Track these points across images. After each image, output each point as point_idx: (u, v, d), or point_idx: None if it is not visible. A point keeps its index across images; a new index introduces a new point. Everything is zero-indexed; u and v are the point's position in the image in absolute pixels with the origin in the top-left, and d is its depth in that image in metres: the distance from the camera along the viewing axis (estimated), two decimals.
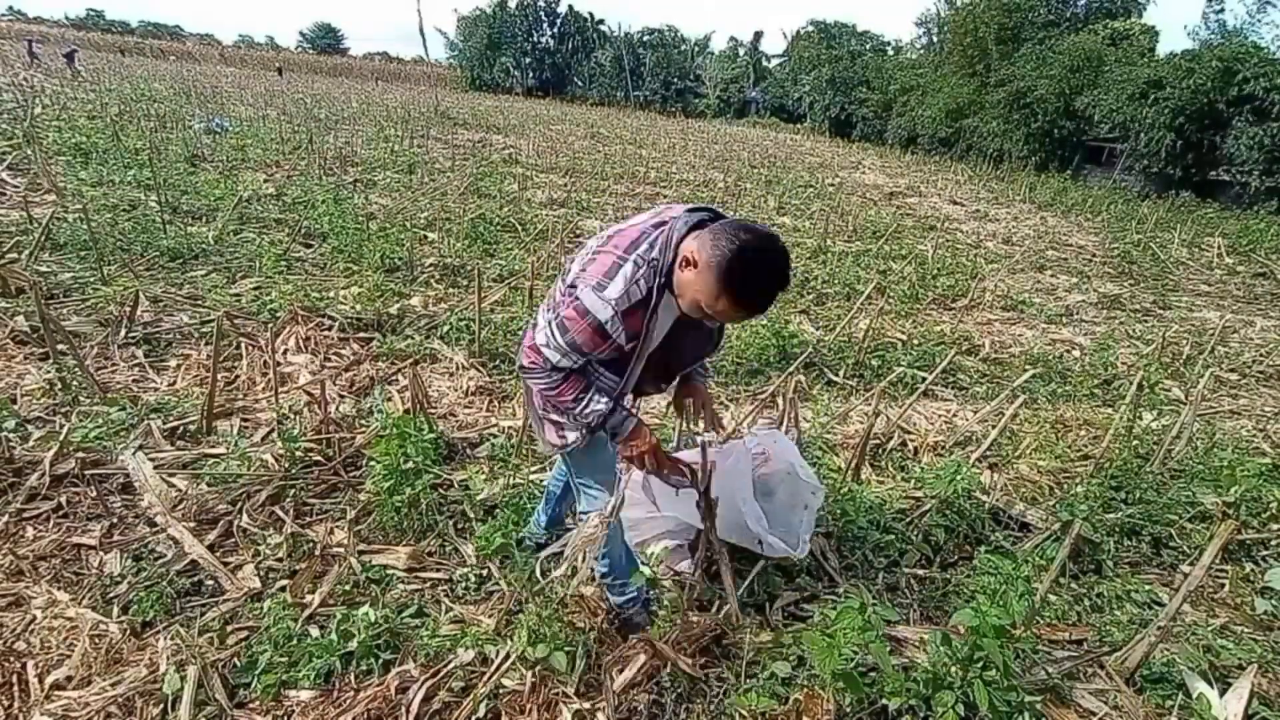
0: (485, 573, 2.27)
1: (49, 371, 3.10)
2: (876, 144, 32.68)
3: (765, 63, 49.74)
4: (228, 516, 2.41)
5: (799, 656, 1.91)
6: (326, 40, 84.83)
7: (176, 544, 2.24)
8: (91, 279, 4.23)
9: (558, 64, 51.92)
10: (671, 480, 1.90)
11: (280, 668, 1.80)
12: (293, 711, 1.74)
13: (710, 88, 48.63)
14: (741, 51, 50.85)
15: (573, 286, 1.50)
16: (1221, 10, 22.84)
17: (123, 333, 3.66)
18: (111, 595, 2.01)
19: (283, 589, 2.08)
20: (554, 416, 1.73)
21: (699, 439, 2.07)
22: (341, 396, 3.34)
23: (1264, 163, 15.90)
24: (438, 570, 2.28)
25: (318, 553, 2.22)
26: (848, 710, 1.78)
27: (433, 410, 3.11)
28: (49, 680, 1.74)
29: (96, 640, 1.86)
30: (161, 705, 1.70)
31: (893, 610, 1.62)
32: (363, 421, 3.07)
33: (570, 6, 51.96)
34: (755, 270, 1.35)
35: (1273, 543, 2.74)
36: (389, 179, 9.15)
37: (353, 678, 1.83)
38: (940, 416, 3.84)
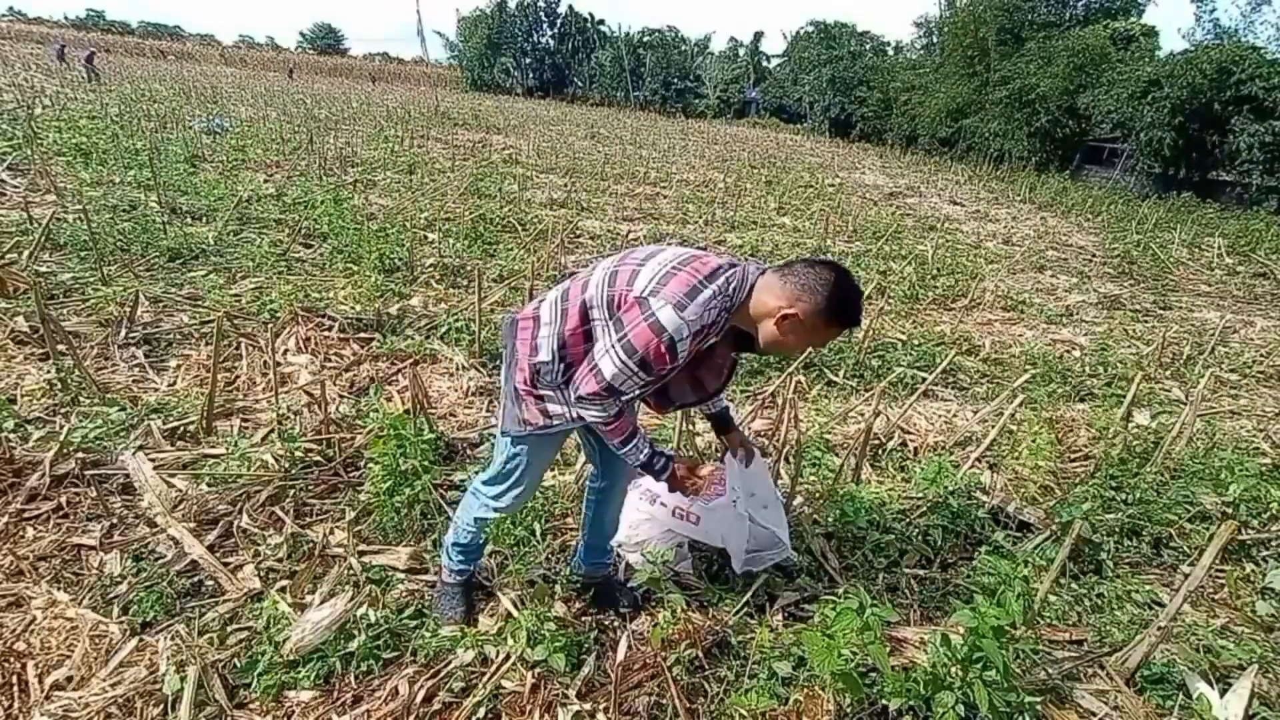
0: (485, 573, 2.26)
1: (49, 371, 3.10)
2: (876, 144, 32.69)
3: (765, 63, 49.72)
4: (228, 517, 2.41)
5: (799, 656, 1.92)
6: (326, 41, 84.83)
7: (176, 544, 2.24)
8: (91, 279, 4.23)
9: (558, 64, 51.90)
10: (713, 492, 1.94)
11: (280, 668, 1.80)
12: (293, 712, 1.74)
13: (710, 88, 48.60)
14: (741, 52, 50.82)
15: (643, 300, 1.47)
16: (1214, 11, 22.85)
17: (123, 333, 3.66)
18: (111, 595, 2.01)
19: (283, 589, 2.08)
20: (542, 392, 1.68)
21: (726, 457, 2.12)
22: (341, 396, 3.34)
23: (1264, 162, 15.90)
24: (438, 571, 2.28)
25: (318, 553, 2.21)
26: (848, 710, 1.78)
27: (433, 410, 3.11)
28: (49, 680, 1.74)
29: (96, 640, 1.86)
30: (161, 705, 1.70)
31: (892, 610, 1.62)
32: (362, 421, 3.07)
33: (570, 6, 52.02)
34: (851, 297, 1.51)
35: (1273, 543, 2.74)
36: (389, 179, 9.15)
37: (353, 678, 1.83)
38: (940, 416, 3.84)
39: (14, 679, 1.74)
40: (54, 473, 2.44)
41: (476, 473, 2.49)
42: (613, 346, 1.50)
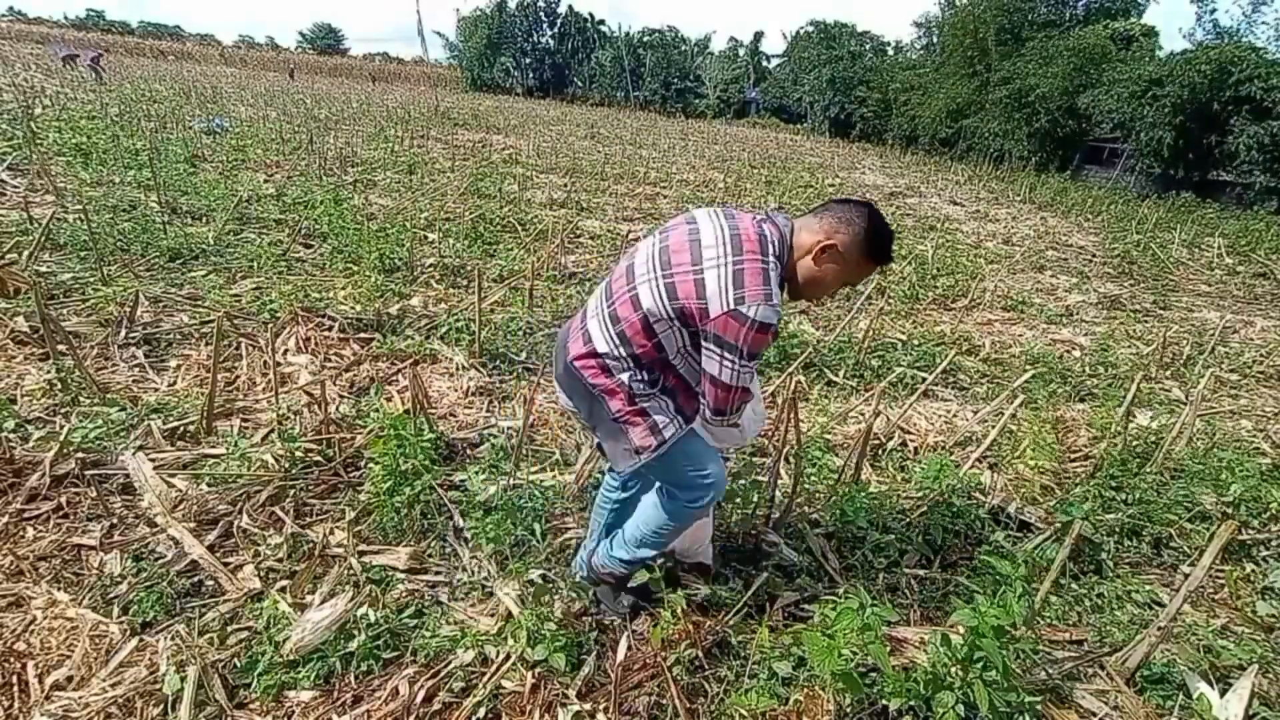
0: (485, 573, 2.26)
1: (49, 371, 3.10)
2: (876, 144, 32.69)
3: (765, 63, 49.70)
4: (228, 517, 2.40)
5: (799, 657, 1.92)
6: (326, 40, 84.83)
7: (176, 544, 2.24)
8: (91, 279, 4.23)
9: (558, 64, 51.87)
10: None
11: (280, 668, 1.80)
12: (293, 712, 1.74)
13: (710, 88, 48.58)
14: (741, 52, 50.79)
15: (734, 312, 1.44)
16: (1214, 11, 22.83)
17: (123, 333, 3.66)
18: (111, 595, 2.01)
19: (283, 589, 2.08)
20: (648, 418, 1.63)
21: None
22: (341, 396, 3.34)
23: (1264, 162, 15.90)
24: (438, 571, 2.28)
25: (318, 553, 2.21)
26: (848, 710, 1.78)
27: (433, 410, 3.11)
28: (49, 680, 1.74)
29: (96, 640, 1.86)
30: (161, 705, 1.70)
31: (892, 610, 1.62)
32: (362, 421, 3.07)
33: (570, 7, 52.08)
34: (886, 231, 1.56)
35: (1273, 543, 2.74)
36: (389, 179, 9.15)
37: (352, 678, 1.83)
38: (940, 416, 3.84)
39: (14, 679, 1.74)
40: (54, 473, 2.44)
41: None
42: (727, 361, 1.50)
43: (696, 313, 1.49)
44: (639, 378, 1.62)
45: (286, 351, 3.75)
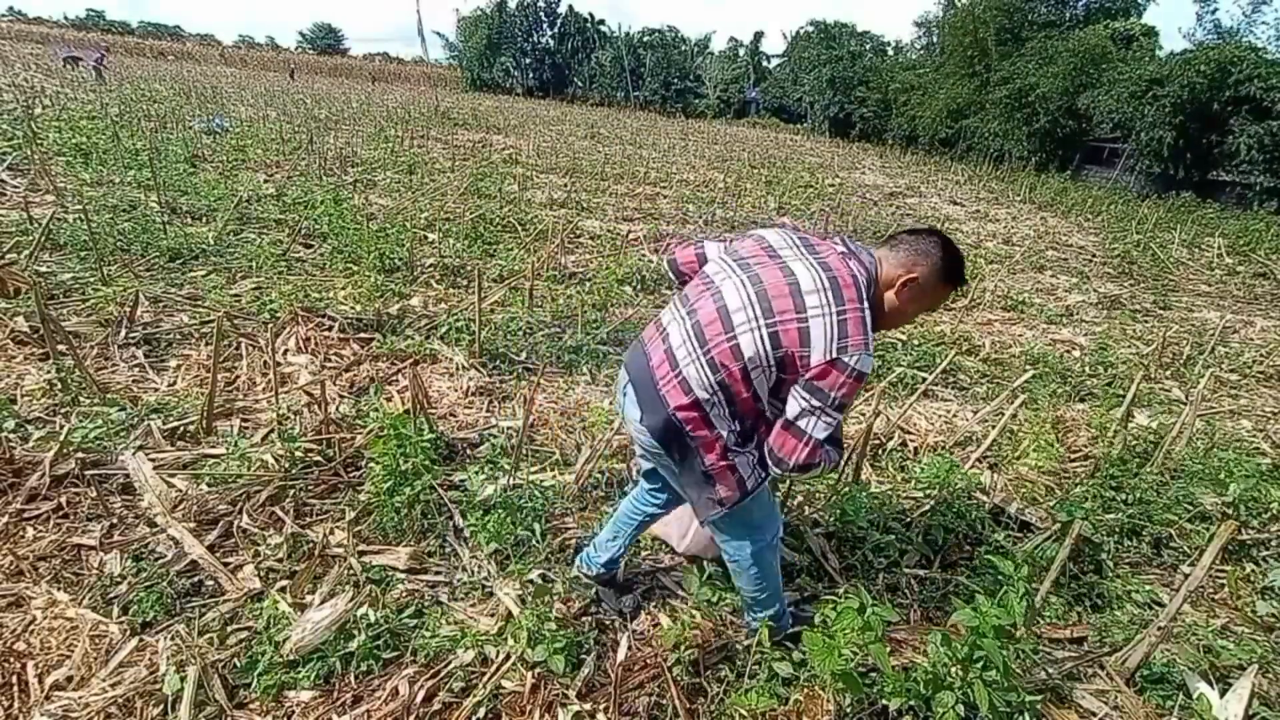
0: (485, 573, 2.26)
1: (49, 371, 3.10)
2: (876, 144, 32.69)
3: (765, 63, 49.71)
4: (228, 517, 2.41)
5: (799, 657, 1.92)
6: (326, 41, 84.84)
7: (176, 544, 2.24)
8: (91, 279, 4.23)
9: (558, 64, 51.87)
10: None
11: (280, 668, 1.80)
12: (293, 712, 1.74)
13: (710, 88, 48.59)
14: (741, 52, 50.79)
15: (837, 362, 1.42)
16: (1214, 11, 22.79)
17: (123, 333, 3.66)
18: (111, 595, 2.01)
19: (283, 589, 2.08)
20: (736, 472, 1.61)
21: None
22: (341, 396, 3.34)
23: (1264, 162, 15.90)
24: (438, 571, 2.28)
25: (318, 553, 2.21)
26: (848, 710, 1.78)
27: (433, 410, 3.11)
28: (49, 680, 1.74)
29: (96, 640, 1.87)
30: (161, 705, 1.70)
31: (892, 610, 1.62)
32: (362, 421, 3.07)
33: (570, 7, 51.99)
34: (959, 256, 1.58)
35: (1273, 543, 2.74)
36: (389, 179, 9.15)
37: (353, 678, 1.83)
38: (940, 416, 3.84)
39: (14, 679, 1.74)
40: (54, 473, 2.44)
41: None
42: (821, 410, 1.45)
43: (798, 361, 1.46)
44: (735, 429, 1.59)
45: (286, 351, 3.75)
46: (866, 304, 1.48)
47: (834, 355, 1.42)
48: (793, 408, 1.49)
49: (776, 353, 1.48)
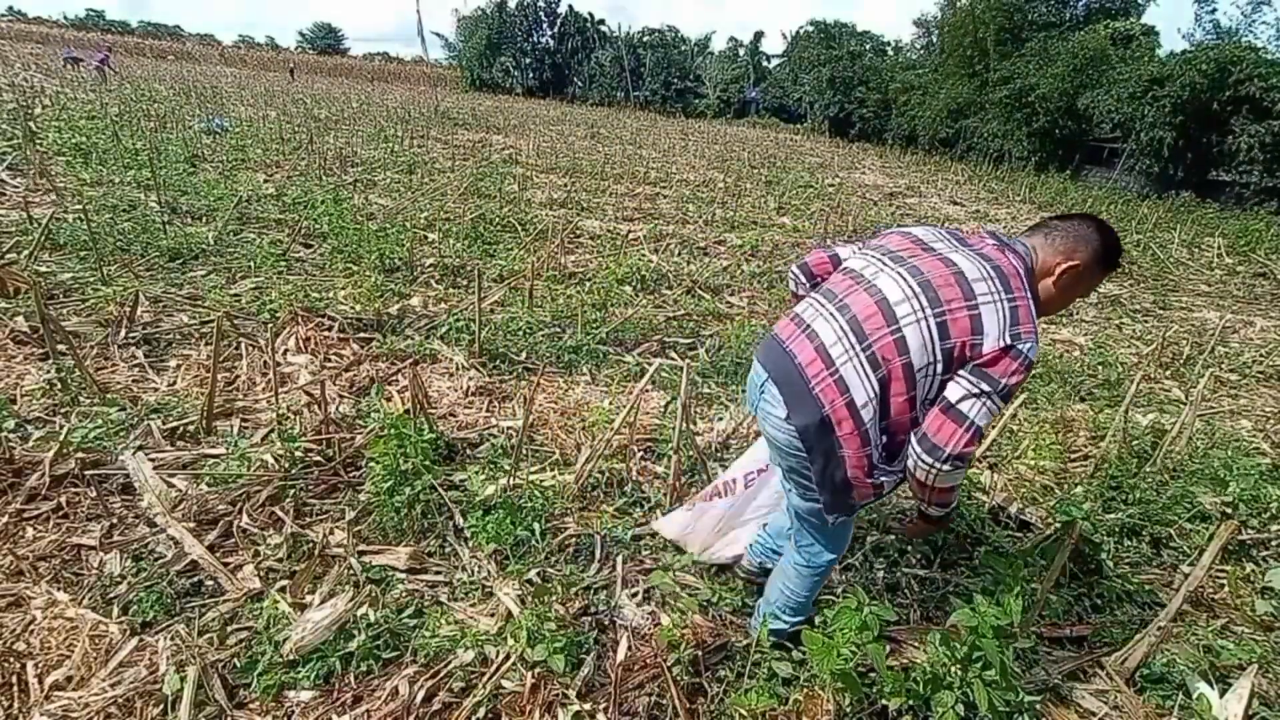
0: (485, 573, 2.26)
1: (49, 371, 3.10)
2: (876, 144, 32.68)
3: (765, 63, 49.69)
4: (227, 517, 2.41)
5: (799, 657, 1.92)
6: (326, 41, 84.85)
7: (176, 544, 2.24)
8: (91, 279, 4.23)
9: (558, 64, 51.85)
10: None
11: (280, 668, 1.80)
12: (293, 712, 1.74)
13: (710, 88, 48.57)
14: (741, 52, 50.75)
15: (1010, 349, 1.38)
16: (1214, 11, 22.78)
17: (123, 333, 3.66)
18: (111, 595, 2.01)
19: (283, 589, 2.08)
20: (880, 489, 1.59)
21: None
22: (341, 396, 3.34)
23: (1264, 162, 15.90)
24: (438, 571, 2.28)
25: (318, 553, 2.22)
26: (847, 710, 1.78)
27: (433, 410, 3.11)
28: (49, 680, 1.74)
29: (96, 640, 1.87)
30: (161, 705, 1.70)
31: (890, 610, 1.62)
32: (362, 421, 3.07)
33: (570, 7, 51.94)
34: (1117, 239, 1.55)
35: (1273, 543, 2.74)
36: (389, 179, 9.15)
37: (352, 678, 1.84)
38: None
39: (14, 679, 1.74)
40: (54, 473, 2.44)
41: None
42: (989, 395, 1.39)
43: (968, 350, 1.41)
44: (882, 444, 1.54)
45: (286, 351, 3.75)
46: (1030, 293, 1.46)
47: (1008, 342, 1.38)
48: (955, 391, 1.41)
49: (945, 344, 1.42)
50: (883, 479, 1.57)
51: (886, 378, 1.46)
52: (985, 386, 1.39)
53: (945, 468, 1.42)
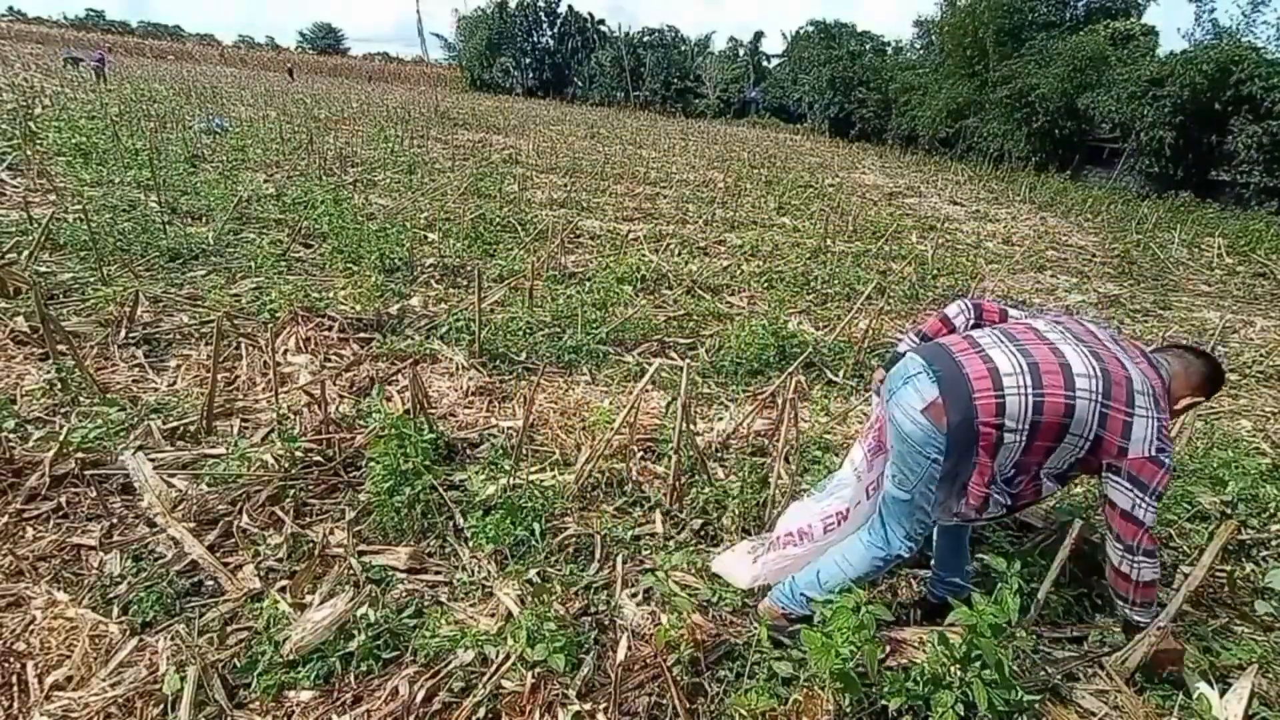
0: (485, 573, 2.26)
1: (49, 371, 3.10)
2: (876, 144, 32.68)
3: (765, 63, 49.70)
4: (227, 517, 2.41)
5: (799, 657, 1.92)
6: (326, 41, 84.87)
7: (176, 544, 2.24)
8: (91, 279, 4.23)
9: (558, 64, 51.87)
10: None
11: (280, 668, 1.80)
12: (293, 712, 1.74)
13: (710, 88, 48.57)
14: (741, 52, 50.79)
15: (1154, 459, 1.65)
16: (1213, 11, 22.76)
17: (123, 333, 3.66)
18: (111, 595, 2.01)
19: (283, 589, 2.08)
20: (985, 503, 1.77)
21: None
22: (341, 396, 3.34)
23: (1264, 162, 15.89)
24: (438, 571, 2.28)
25: (318, 553, 2.22)
26: (847, 710, 1.78)
27: (433, 410, 3.11)
28: (49, 680, 1.74)
29: (96, 640, 1.87)
30: (161, 705, 1.70)
31: (888, 609, 1.62)
32: (363, 421, 3.07)
33: (570, 7, 51.97)
34: (1224, 378, 1.87)
35: (1273, 543, 2.74)
36: (389, 179, 9.15)
37: (352, 678, 1.83)
38: None
39: (14, 679, 1.74)
40: (54, 473, 2.44)
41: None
42: (1143, 502, 1.68)
43: (1114, 448, 1.66)
44: (1010, 473, 1.74)
45: (286, 351, 3.75)
46: (1169, 413, 1.74)
47: (1153, 454, 1.65)
48: (1124, 500, 1.70)
49: (1099, 430, 1.66)
50: (995, 495, 1.76)
51: (1040, 425, 1.67)
52: (1140, 493, 1.69)
53: (1141, 559, 1.77)
